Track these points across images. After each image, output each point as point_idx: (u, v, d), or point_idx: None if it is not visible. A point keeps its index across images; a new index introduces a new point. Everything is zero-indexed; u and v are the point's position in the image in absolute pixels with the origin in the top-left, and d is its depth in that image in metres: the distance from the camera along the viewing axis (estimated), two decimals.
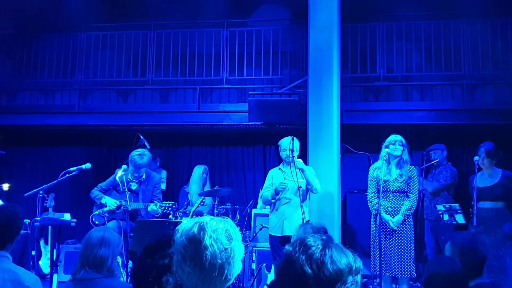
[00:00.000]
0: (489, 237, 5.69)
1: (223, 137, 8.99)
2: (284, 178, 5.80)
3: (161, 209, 5.86)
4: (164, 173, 8.59)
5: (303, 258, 1.72)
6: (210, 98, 8.54)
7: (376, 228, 5.62)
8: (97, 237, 3.26)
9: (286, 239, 5.53)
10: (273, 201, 5.87)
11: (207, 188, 7.67)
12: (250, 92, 7.97)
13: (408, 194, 5.69)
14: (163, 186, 8.33)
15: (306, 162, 6.42)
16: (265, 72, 8.43)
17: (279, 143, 5.95)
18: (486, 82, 7.78)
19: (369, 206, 5.82)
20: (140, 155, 6.05)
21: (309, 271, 1.69)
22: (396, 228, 5.62)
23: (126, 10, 8.88)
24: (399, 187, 5.67)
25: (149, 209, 5.86)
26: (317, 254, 1.71)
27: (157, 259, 2.29)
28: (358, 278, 1.74)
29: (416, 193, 5.74)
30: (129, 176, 6.03)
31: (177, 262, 1.92)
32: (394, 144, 5.67)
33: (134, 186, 6.10)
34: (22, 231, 4.33)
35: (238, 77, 8.50)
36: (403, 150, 5.69)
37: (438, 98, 7.87)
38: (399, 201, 5.68)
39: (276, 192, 5.75)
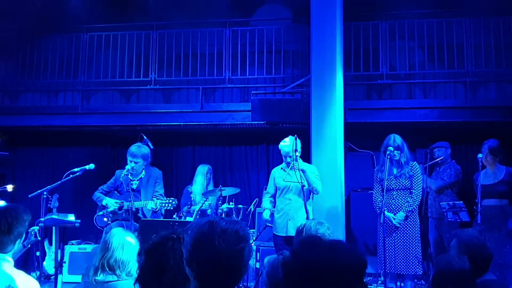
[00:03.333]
0: (493, 235, 5.66)
1: (226, 137, 8.99)
2: (284, 179, 5.80)
3: (160, 206, 5.82)
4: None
5: None
6: (213, 97, 8.54)
7: (381, 227, 5.64)
8: (119, 239, 3.24)
9: (290, 239, 5.53)
10: (269, 219, 6.00)
11: (211, 188, 7.67)
12: (253, 92, 7.97)
13: (411, 190, 5.72)
14: None
15: (309, 161, 6.41)
16: (267, 71, 8.42)
17: (283, 150, 5.88)
18: (489, 80, 7.77)
19: (373, 205, 5.88)
20: (139, 146, 6.09)
21: None
22: (398, 225, 5.64)
23: (128, 10, 8.87)
24: (402, 184, 5.71)
25: (148, 207, 5.83)
26: None
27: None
28: None
29: (419, 189, 5.76)
30: (130, 176, 6.01)
31: (186, 261, 1.92)
32: (392, 151, 5.70)
33: (135, 185, 6.08)
34: (32, 238, 4.32)
35: (240, 77, 8.49)
36: (401, 153, 5.73)
37: (441, 96, 7.86)
38: (403, 198, 5.72)
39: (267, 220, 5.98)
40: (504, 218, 5.82)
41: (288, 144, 5.78)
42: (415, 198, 5.70)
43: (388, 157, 5.71)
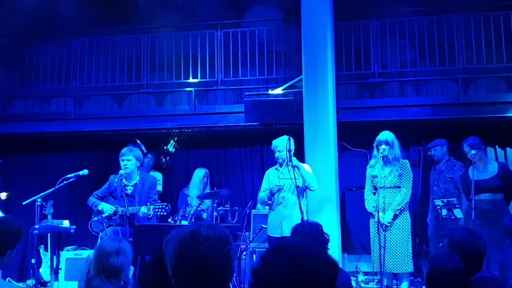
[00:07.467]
0: (490, 231, 5.62)
1: (220, 139, 8.98)
2: (278, 177, 5.79)
3: (154, 212, 5.79)
4: (159, 175, 8.56)
5: None
6: (206, 100, 8.53)
7: (375, 225, 5.66)
8: (113, 246, 3.21)
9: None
10: (269, 202, 5.88)
11: (208, 191, 7.65)
12: (246, 93, 7.96)
13: (401, 189, 5.75)
14: (159, 187, 8.30)
15: (303, 161, 6.42)
16: (260, 73, 8.41)
17: (273, 144, 5.91)
18: (480, 76, 7.80)
19: (365, 204, 5.91)
20: (129, 147, 6.14)
21: None
22: (388, 224, 5.66)
23: (118, 14, 8.86)
24: (392, 182, 5.74)
25: (140, 213, 5.79)
26: None
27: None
28: None
29: (409, 187, 5.80)
30: (124, 181, 5.99)
31: (173, 275, 1.90)
32: (381, 145, 5.75)
33: (130, 190, 6.06)
34: None
35: (233, 78, 8.48)
36: (390, 148, 5.75)
37: (433, 93, 7.88)
38: (394, 196, 5.75)
39: (272, 193, 5.75)
40: (498, 213, 5.83)
41: (277, 139, 5.82)
42: (404, 197, 5.73)
43: (381, 154, 5.75)
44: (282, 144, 5.75)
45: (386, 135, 5.85)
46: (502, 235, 5.73)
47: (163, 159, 7.19)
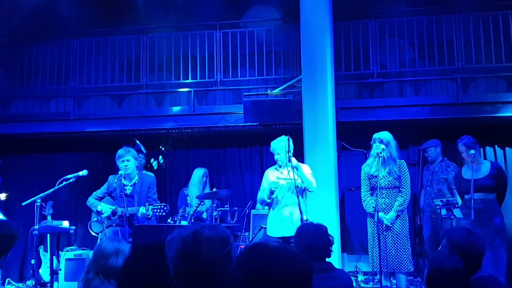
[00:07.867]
0: (482, 230, 5.62)
1: (220, 139, 8.98)
2: (278, 177, 5.79)
3: (152, 212, 5.80)
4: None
5: None
6: (205, 100, 8.53)
7: (374, 225, 5.66)
8: (113, 247, 3.21)
9: (285, 240, 5.52)
10: (269, 201, 5.87)
11: (207, 191, 7.67)
12: (245, 93, 7.96)
13: (400, 189, 5.74)
14: None
15: (302, 161, 6.42)
16: (259, 73, 8.41)
17: (272, 146, 5.90)
18: (479, 76, 7.80)
19: (363, 205, 5.89)
20: (125, 147, 6.13)
21: None
22: (390, 225, 5.66)
23: (118, 15, 8.86)
24: (390, 183, 5.73)
25: (139, 214, 5.80)
26: None
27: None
28: None
29: (408, 188, 5.80)
30: (123, 181, 5.99)
31: (175, 275, 1.91)
32: (375, 142, 5.75)
33: (129, 190, 6.06)
34: None
35: (232, 79, 8.48)
36: (385, 147, 5.74)
37: (433, 93, 7.88)
38: (392, 197, 5.76)
39: (271, 192, 5.75)
40: (490, 213, 5.85)
41: (275, 141, 5.81)
42: (404, 197, 5.74)
43: (381, 156, 5.74)
44: (280, 146, 5.73)
45: (382, 134, 5.86)
46: (493, 235, 5.76)
47: (161, 160, 7.17)
